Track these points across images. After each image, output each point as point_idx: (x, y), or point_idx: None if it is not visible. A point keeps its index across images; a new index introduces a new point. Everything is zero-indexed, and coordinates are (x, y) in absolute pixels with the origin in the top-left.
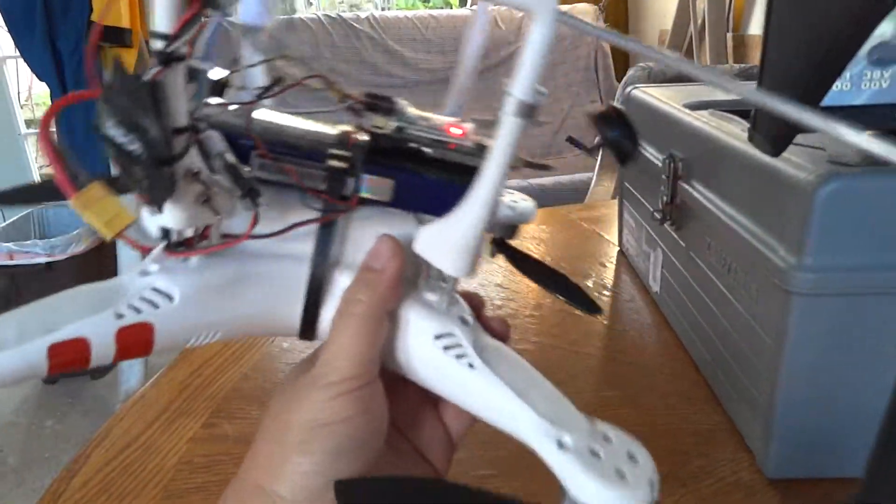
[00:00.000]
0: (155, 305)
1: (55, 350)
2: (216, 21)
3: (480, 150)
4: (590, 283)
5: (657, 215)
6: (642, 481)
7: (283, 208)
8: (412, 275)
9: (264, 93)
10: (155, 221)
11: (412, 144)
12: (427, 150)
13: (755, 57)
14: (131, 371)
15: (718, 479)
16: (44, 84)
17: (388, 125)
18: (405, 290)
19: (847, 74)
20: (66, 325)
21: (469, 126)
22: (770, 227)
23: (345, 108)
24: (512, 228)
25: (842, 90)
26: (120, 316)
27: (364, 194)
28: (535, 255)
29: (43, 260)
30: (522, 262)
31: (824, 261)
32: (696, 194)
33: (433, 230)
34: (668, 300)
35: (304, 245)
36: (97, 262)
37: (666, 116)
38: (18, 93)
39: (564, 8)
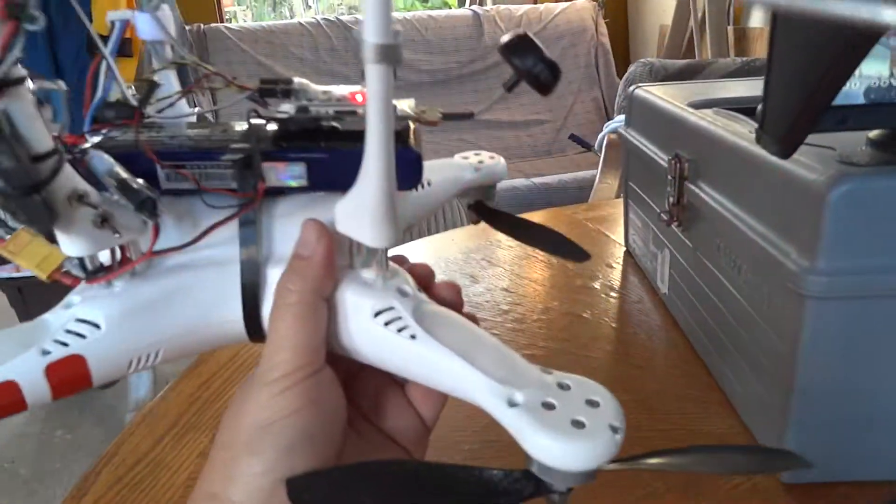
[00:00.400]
0: (82, 336)
1: None
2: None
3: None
4: (597, 285)
5: (664, 216)
6: (601, 427)
7: (199, 217)
8: (346, 255)
9: (144, 102)
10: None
11: (324, 123)
12: (337, 124)
13: (757, 50)
14: (140, 381)
15: (733, 484)
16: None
17: (289, 108)
18: (341, 272)
19: (857, 73)
20: None
21: None
22: (781, 230)
23: (247, 100)
24: (487, 190)
25: (850, 88)
26: (46, 353)
27: (276, 183)
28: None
29: None
30: (502, 221)
31: (837, 263)
32: (703, 195)
33: (346, 205)
34: (676, 301)
35: (231, 249)
36: None
37: (670, 116)
38: None
39: (564, 5)
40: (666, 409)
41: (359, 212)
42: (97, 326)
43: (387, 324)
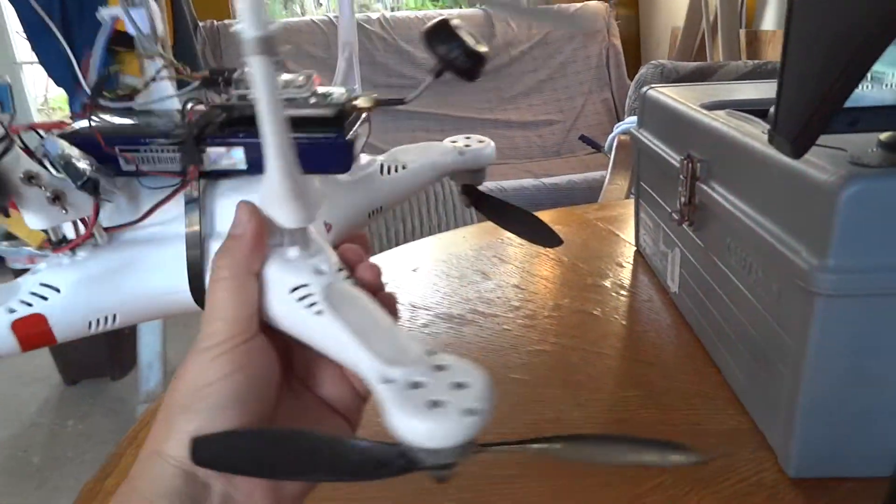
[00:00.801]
0: (44, 298)
1: None
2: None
3: (325, 98)
4: (607, 284)
5: (675, 216)
6: (455, 409)
7: (152, 197)
8: (277, 235)
9: (95, 91)
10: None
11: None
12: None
13: (769, 53)
14: (151, 372)
15: (741, 479)
16: (60, 89)
17: (232, 95)
18: (272, 250)
19: (868, 74)
20: None
21: (301, 79)
22: (792, 229)
23: (199, 88)
24: (475, 174)
25: (864, 90)
26: (11, 311)
27: (218, 165)
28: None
29: None
30: (487, 205)
31: (847, 262)
32: (714, 195)
33: (262, 188)
34: (686, 300)
35: (180, 226)
36: None
37: (683, 117)
38: (35, 97)
39: (576, 6)
40: (675, 406)
41: (270, 195)
42: (57, 290)
43: (300, 299)
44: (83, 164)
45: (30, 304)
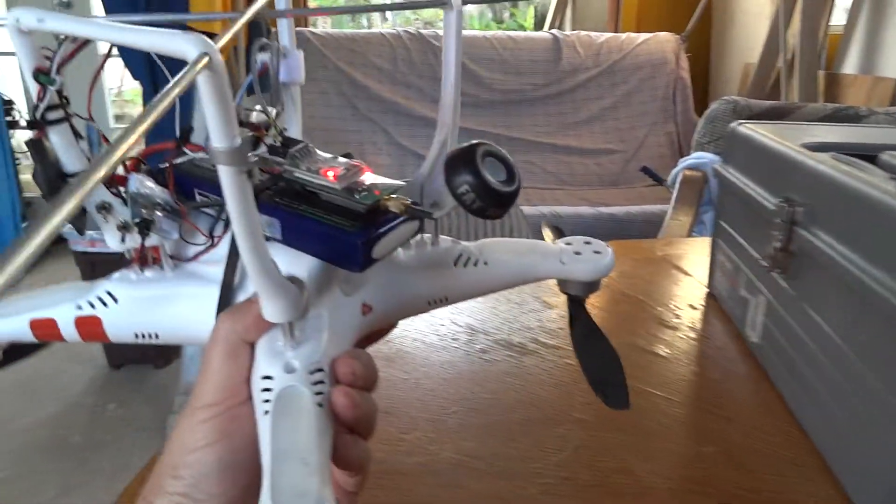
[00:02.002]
0: (104, 304)
1: (34, 324)
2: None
3: (359, 192)
4: (677, 325)
5: (764, 262)
6: None
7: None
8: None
9: (182, 138)
10: None
11: (309, 188)
12: (322, 193)
13: (848, 97)
14: (192, 364)
15: None
16: (135, 82)
17: (285, 168)
18: (275, 327)
19: None
20: (43, 309)
21: (341, 170)
22: None
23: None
24: (582, 285)
25: None
26: (79, 308)
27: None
28: (602, 329)
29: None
30: (578, 323)
31: None
32: (818, 243)
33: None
34: (770, 352)
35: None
36: None
37: (782, 157)
38: (111, 88)
39: (646, 36)
40: (757, 469)
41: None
42: (115, 301)
43: (262, 390)
44: (152, 203)
45: (93, 306)
